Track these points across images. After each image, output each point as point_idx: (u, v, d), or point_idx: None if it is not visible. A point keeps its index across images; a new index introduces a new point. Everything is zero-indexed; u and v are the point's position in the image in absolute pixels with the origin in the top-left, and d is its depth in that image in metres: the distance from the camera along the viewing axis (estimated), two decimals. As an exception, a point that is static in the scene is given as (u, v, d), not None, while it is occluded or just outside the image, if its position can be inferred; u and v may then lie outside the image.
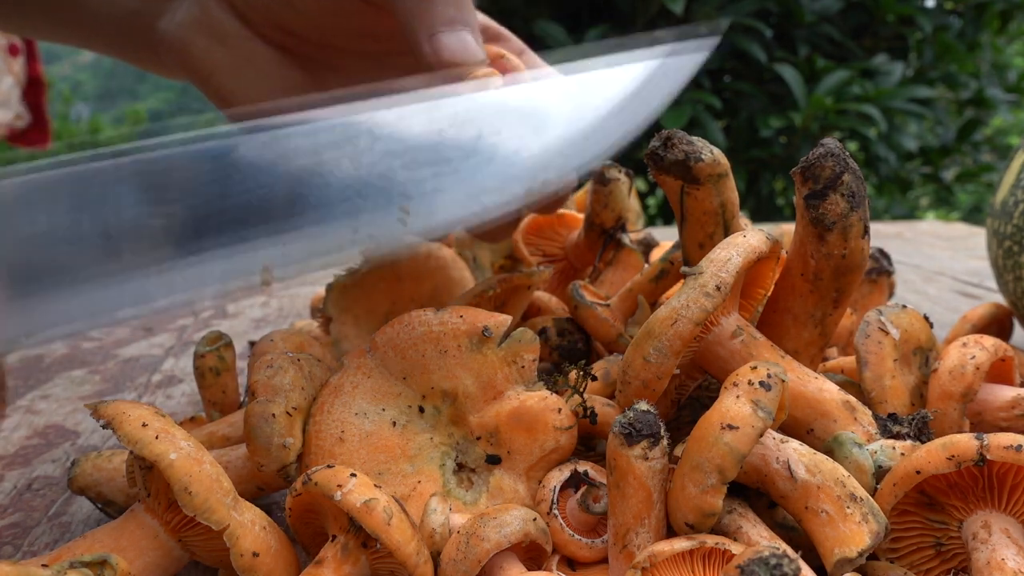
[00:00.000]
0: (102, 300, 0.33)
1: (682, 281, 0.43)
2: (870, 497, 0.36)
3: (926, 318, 0.51)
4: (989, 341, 0.47)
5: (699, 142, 0.46)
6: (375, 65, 0.58)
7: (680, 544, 0.34)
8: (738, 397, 0.36)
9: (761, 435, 0.35)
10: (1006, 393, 0.47)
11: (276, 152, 0.37)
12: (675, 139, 0.46)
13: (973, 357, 0.46)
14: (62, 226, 0.33)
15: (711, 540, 0.35)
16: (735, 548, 0.34)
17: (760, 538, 0.37)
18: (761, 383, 0.36)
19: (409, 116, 0.41)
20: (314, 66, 0.58)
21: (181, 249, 0.34)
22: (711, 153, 0.46)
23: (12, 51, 2.56)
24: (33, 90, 2.68)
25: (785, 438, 0.39)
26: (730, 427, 0.35)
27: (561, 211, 0.67)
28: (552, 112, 0.44)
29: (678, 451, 0.42)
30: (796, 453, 0.38)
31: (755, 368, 0.37)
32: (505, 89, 0.45)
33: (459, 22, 0.49)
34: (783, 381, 0.37)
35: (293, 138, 0.38)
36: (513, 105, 0.44)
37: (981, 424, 0.47)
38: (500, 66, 0.51)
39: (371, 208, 0.38)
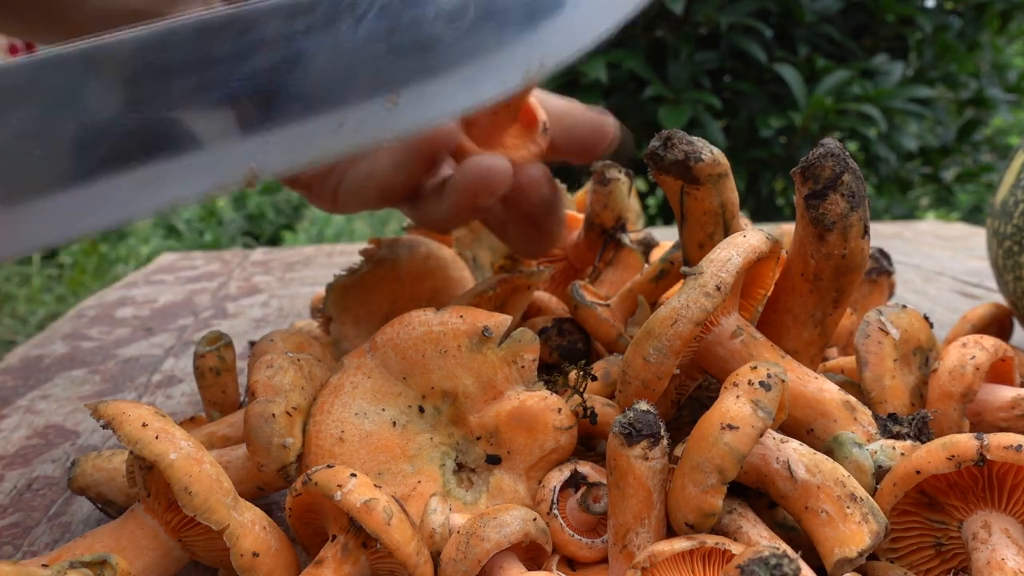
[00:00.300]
0: (79, 208, 0.31)
1: (682, 281, 0.43)
2: (870, 497, 0.36)
3: (926, 318, 0.51)
4: (989, 341, 0.47)
5: (699, 142, 0.46)
6: None
7: (680, 544, 0.34)
8: (738, 397, 0.36)
9: (761, 435, 0.35)
10: (1006, 393, 0.47)
11: (248, 41, 0.35)
12: (675, 139, 0.46)
13: (973, 357, 0.46)
14: (32, 128, 0.31)
15: (711, 540, 0.35)
16: (735, 548, 0.34)
17: (760, 538, 0.37)
18: (761, 383, 0.36)
19: None
20: None
21: (155, 151, 0.32)
22: (711, 153, 0.46)
23: (12, 51, 2.56)
24: (33, 90, 2.68)
25: (785, 438, 0.39)
26: (730, 427, 0.35)
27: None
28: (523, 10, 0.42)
29: (678, 451, 0.42)
30: (796, 453, 0.38)
31: (755, 368, 0.37)
32: None
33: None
34: (783, 381, 0.37)
35: (266, 23, 0.35)
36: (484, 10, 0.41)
37: (981, 424, 0.47)
38: None
39: (356, 98, 0.36)
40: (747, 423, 0.35)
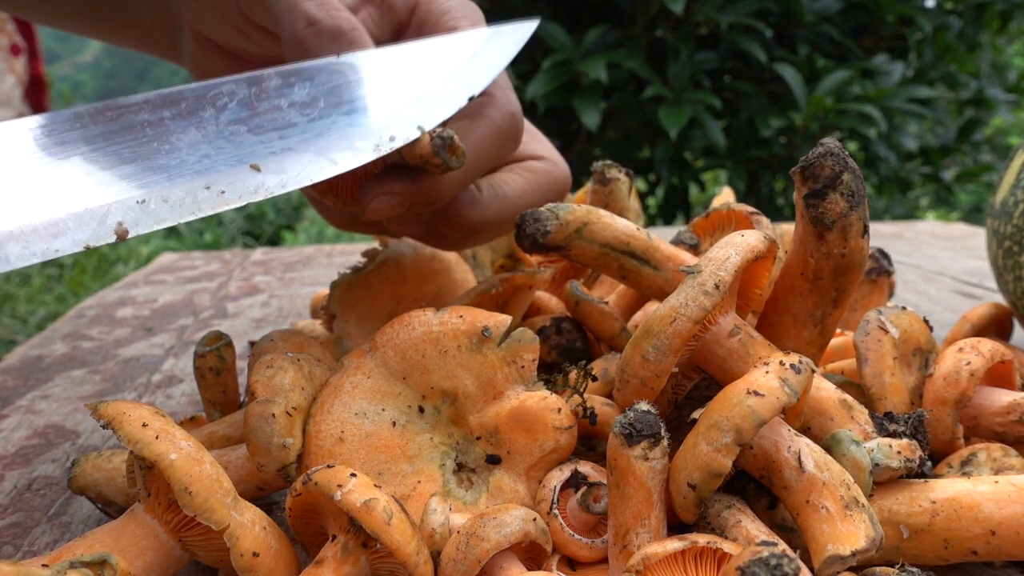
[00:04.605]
0: None
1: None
2: (870, 507, 0.37)
3: (925, 321, 0.51)
4: (986, 346, 0.47)
5: (545, 212, 0.49)
6: None
7: (672, 545, 0.34)
8: (767, 372, 0.37)
9: (783, 409, 0.36)
10: (1002, 398, 0.47)
11: (122, 124, 0.40)
12: (523, 225, 0.49)
13: (968, 363, 0.46)
14: None
15: (703, 539, 0.35)
16: (727, 547, 0.34)
17: (759, 532, 0.37)
18: (792, 366, 0.38)
19: (257, 85, 0.44)
20: None
21: (35, 208, 0.36)
22: (557, 219, 0.48)
23: (14, 51, 2.56)
24: (35, 90, 2.68)
25: (799, 433, 0.39)
26: (756, 393, 0.36)
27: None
28: (392, 77, 0.48)
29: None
30: (808, 447, 0.38)
31: (788, 354, 0.39)
32: (349, 57, 0.48)
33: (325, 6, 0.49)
34: (812, 371, 0.38)
35: (136, 112, 0.41)
36: (357, 71, 0.47)
37: (977, 429, 0.47)
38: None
39: (223, 165, 0.40)
40: (773, 393, 0.36)
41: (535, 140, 0.59)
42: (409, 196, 0.48)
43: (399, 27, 0.54)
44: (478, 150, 0.49)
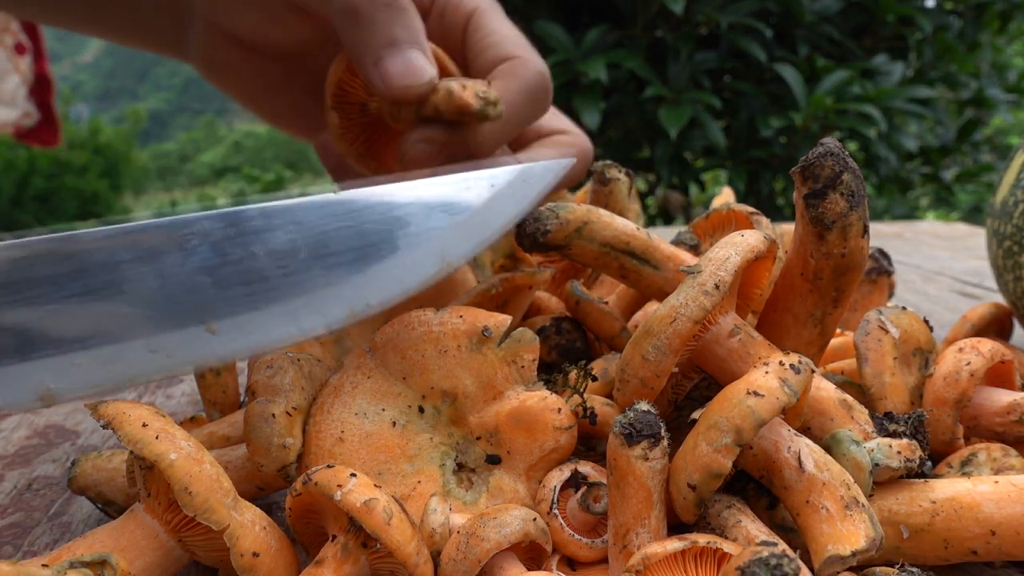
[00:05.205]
0: None
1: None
2: (870, 507, 0.37)
3: (926, 321, 0.51)
4: (986, 346, 0.47)
5: (545, 212, 0.48)
6: None
7: (672, 545, 0.34)
8: (767, 372, 0.37)
9: (783, 410, 0.36)
10: (1002, 398, 0.47)
11: (72, 266, 0.35)
12: (523, 225, 0.49)
13: (968, 363, 0.46)
14: None
15: (703, 539, 0.35)
16: (727, 547, 0.34)
17: (759, 532, 0.37)
18: (792, 366, 0.38)
19: (235, 225, 0.38)
20: (296, 71, 0.60)
21: None
22: (556, 218, 0.48)
23: (19, 50, 2.56)
24: (40, 88, 2.68)
25: (799, 433, 0.39)
26: (756, 393, 0.36)
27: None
28: (388, 222, 0.42)
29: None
30: (808, 448, 0.38)
31: (787, 354, 0.39)
32: (349, 194, 0.42)
33: (403, 41, 0.48)
34: (812, 371, 0.38)
35: (93, 253, 0.35)
36: (353, 214, 0.41)
37: (977, 429, 0.47)
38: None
39: (172, 326, 0.36)
40: (773, 394, 0.36)
41: (556, 117, 0.60)
42: (449, 145, 0.48)
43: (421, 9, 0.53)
44: (513, 106, 0.50)
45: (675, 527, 0.39)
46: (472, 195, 0.44)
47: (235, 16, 0.54)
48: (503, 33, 0.54)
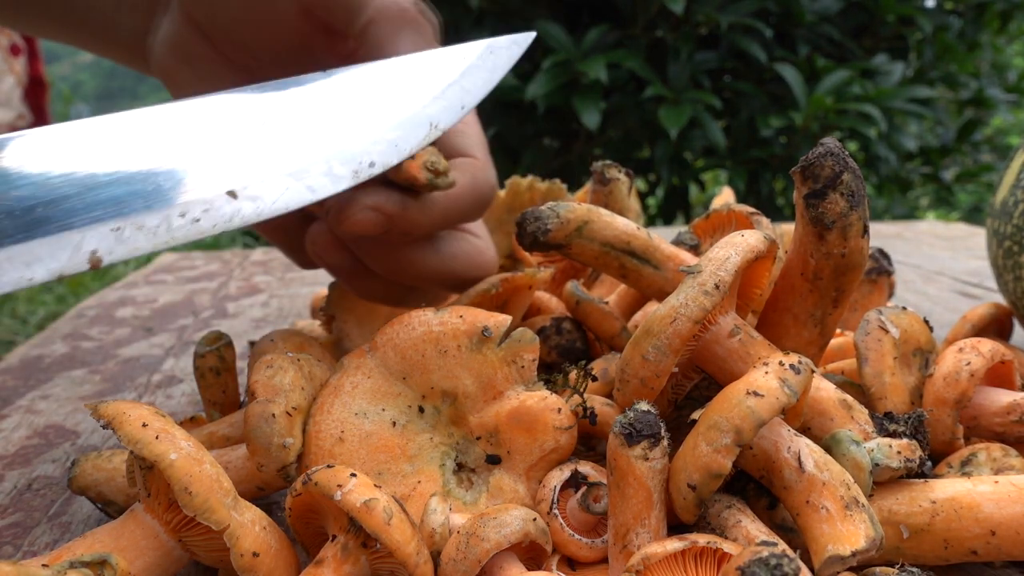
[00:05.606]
0: None
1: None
2: (870, 507, 0.37)
3: (926, 321, 0.51)
4: (986, 346, 0.47)
5: (546, 211, 0.48)
6: None
7: (672, 545, 0.34)
8: (767, 373, 0.37)
9: (783, 410, 0.36)
10: (1002, 398, 0.47)
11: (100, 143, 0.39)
12: (523, 224, 0.49)
13: (968, 363, 0.46)
14: None
15: (703, 539, 0.35)
16: (727, 547, 0.34)
17: (759, 533, 0.37)
18: (791, 366, 0.38)
19: (239, 103, 0.43)
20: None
21: (12, 233, 0.35)
22: (557, 217, 0.48)
23: (14, 51, 2.56)
24: (35, 90, 2.68)
25: (799, 433, 0.39)
26: (756, 394, 0.36)
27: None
28: (377, 95, 0.47)
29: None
30: (808, 448, 0.38)
31: (787, 354, 0.39)
32: (333, 73, 0.47)
33: None
34: (812, 371, 0.38)
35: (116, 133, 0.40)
36: (341, 89, 0.46)
37: (977, 429, 0.47)
38: None
39: (199, 193, 0.39)
40: (772, 394, 0.36)
41: (471, 136, 0.57)
42: (393, 218, 0.47)
43: None
44: (458, 201, 0.50)
45: (675, 527, 0.39)
46: (447, 69, 0.49)
47: (220, 2, 0.53)
48: (471, 131, 0.54)
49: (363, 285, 0.56)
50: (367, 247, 0.52)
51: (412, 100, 0.47)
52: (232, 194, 0.40)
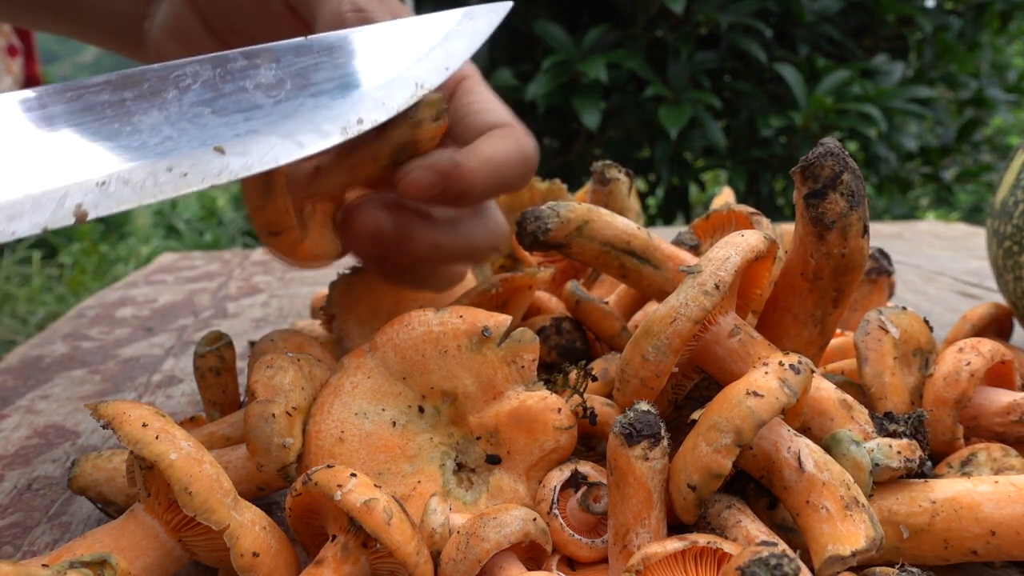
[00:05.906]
0: None
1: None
2: (870, 508, 0.37)
3: (926, 321, 0.51)
4: (986, 346, 0.47)
5: (546, 210, 0.49)
6: None
7: (672, 545, 0.34)
8: (767, 373, 0.37)
9: (783, 410, 0.36)
10: (1002, 398, 0.47)
11: (82, 105, 0.40)
12: (523, 223, 0.49)
13: (968, 363, 0.46)
14: None
15: (703, 539, 0.35)
16: (727, 547, 0.34)
17: (759, 533, 0.37)
18: (791, 366, 0.38)
19: (222, 66, 0.44)
20: None
21: None
22: (557, 216, 0.48)
23: (11, 52, 2.56)
24: (31, 90, 2.68)
25: (799, 433, 0.39)
26: (756, 394, 0.36)
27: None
28: (361, 58, 0.47)
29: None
30: (808, 448, 0.38)
31: (787, 354, 0.39)
32: (318, 37, 0.47)
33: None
34: (812, 371, 0.38)
35: (97, 92, 0.40)
36: (326, 52, 0.47)
37: (977, 429, 0.47)
38: None
39: (186, 147, 0.40)
40: (772, 394, 0.36)
41: (497, 111, 0.57)
42: (448, 176, 0.48)
43: None
44: (506, 165, 0.50)
45: (675, 527, 0.39)
46: (429, 34, 0.50)
47: None
48: (495, 102, 0.55)
49: (391, 268, 0.56)
50: (414, 222, 0.53)
51: (396, 62, 0.48)
52: (220, 149, 0.40)
